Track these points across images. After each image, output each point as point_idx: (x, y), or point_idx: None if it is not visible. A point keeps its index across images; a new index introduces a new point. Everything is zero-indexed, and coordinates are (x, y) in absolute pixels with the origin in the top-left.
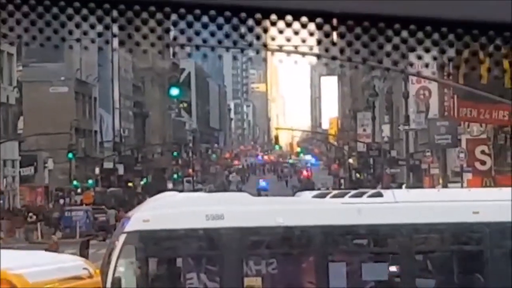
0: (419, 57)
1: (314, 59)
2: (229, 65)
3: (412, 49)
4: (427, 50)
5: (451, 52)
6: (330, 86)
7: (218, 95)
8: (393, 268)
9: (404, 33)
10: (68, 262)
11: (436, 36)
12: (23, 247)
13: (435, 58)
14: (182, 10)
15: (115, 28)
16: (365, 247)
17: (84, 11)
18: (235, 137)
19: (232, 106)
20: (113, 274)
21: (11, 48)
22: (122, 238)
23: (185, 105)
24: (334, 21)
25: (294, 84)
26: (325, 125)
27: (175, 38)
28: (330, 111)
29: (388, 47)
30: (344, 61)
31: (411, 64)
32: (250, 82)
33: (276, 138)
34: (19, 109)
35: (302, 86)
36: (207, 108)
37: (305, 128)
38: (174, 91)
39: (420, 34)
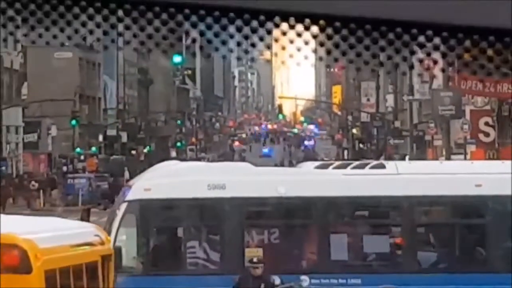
0: (421, 61)
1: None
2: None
3: (413, 53)
4: (428, 54)
5: (452, 56)
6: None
7: (222, 63)
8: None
9: (406, 37)
10: (80, 229)
11: (437, 40)
12: (26, 214)
13: (435, 62)
14: (187, 11)
15: (120, 28)
16: (366, 219)
17: (90, 10)
18: (239, 105)
19: (236, 73)
20: (114, 243)
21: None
22: (123, 207)
23: (190, 72)
24: (337, 24)
25: (303, 62)
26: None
27: (180, 39)
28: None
29: (389, 51)
30: (347, 63)
31: (412, 67)
32: (259, 58)
33: (280, 107)
34: (23, 74)
35: (310, 65)
36: (211, 76)
37: (309, 97)
38: (177, 59)
39: (421, 38)
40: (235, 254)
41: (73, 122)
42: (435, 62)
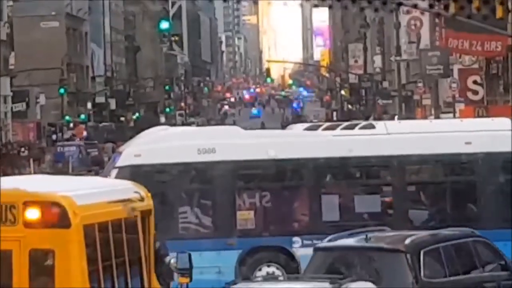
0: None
1: None
2: None
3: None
4: None
5: None
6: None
7: (209, 28)
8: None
9: None
10: (118, 186)
11: None
12: None
13: (432, 6)
14: None
15: None
16: (357, 179)
17: None
18: (227, 70)
19: (223, 39)
20: None
21: None
22: (113, 173)
23: (177, 38)
24: None
25: (285, 16)
26: (316, 56)
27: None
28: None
29: None
30: None
31: (400, 4)
32: (241, 15)
33: (268, 70)
34: (10, 44)
35: (293, 18)
36: (198, 42)
37: (297, 60)
38: (164, 25)
39: None
40: (226, 218)
41: (61, 90)
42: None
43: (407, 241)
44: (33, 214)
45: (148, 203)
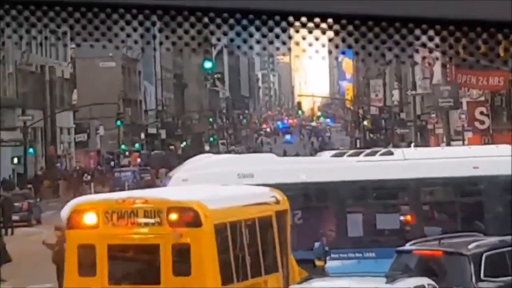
0: (417, 51)
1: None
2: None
3: (410, 44)
4: (423, 45)
5: (444, 47)
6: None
7: (247, 67)
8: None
9: (404, 31)
10: (256, 192)
11: (431, 32)
12: None
13: (430, 51)
14: (211, 14)
15: (155, 31)
16: (378, 200)
17: (128, 16)
18: (263, 103)
19: (260, 76)
20: None
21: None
22: None
23: (219, 76)
24: (343, 21)
25: (314, 56)
26: (342, 91)
27: (206, 39)
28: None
29: (390, 43)
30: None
31: (410, 56)
32: (275, 54)
33: (299, 104)
34: (73, 82)
35: (321, 57)
36: (238, 79)
37: (325, 95)
38: (208, 65)
39: (417, 31)
40: None
41: (118, 122)
42: (431, 51)
43: (471, 245)
44: (174, 216)
45: (283, 205)
